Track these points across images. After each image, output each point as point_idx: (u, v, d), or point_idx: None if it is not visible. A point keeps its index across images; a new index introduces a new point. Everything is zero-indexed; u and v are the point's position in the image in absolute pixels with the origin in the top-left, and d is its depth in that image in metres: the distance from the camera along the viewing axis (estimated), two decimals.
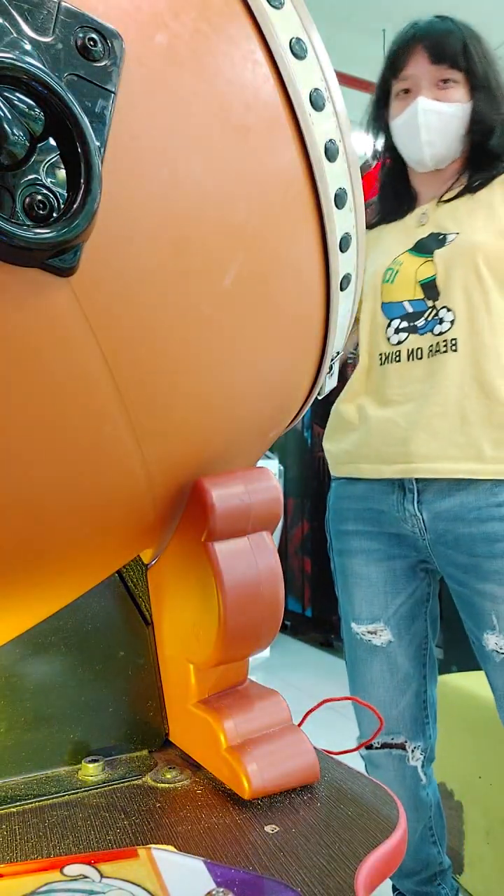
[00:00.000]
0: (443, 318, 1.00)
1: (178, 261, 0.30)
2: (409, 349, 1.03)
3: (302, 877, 0.32)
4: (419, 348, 1.02)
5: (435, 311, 1.01)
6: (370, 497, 1.07)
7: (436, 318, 1.01)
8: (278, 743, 0.40)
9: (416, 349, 1.02)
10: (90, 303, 0.28)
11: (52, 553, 0.34)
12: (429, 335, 1.01)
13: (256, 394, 0.37)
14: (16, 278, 0.26)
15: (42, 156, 0.25)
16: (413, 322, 1.03)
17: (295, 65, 0.35)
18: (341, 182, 0.37)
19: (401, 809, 0.38)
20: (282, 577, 0.39)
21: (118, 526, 0.36)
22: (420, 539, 1.03)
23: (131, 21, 0.29)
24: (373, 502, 1.07)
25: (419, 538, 1.03)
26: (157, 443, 0.33)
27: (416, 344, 1.02)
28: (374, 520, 1.07)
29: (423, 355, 1.02)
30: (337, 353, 0.44)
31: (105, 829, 0.37)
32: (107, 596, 0.45)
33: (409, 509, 1.02)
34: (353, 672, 1.13)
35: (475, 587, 0.99)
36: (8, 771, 0.42)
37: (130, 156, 0.28)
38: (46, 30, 0.26)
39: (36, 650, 0.43)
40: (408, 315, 1.04)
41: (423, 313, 1.02)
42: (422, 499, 1.01)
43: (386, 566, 1.08)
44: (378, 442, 1.04)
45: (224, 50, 0.32)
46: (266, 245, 0.34)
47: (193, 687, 0.42)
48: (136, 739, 0.46)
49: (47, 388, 0.28)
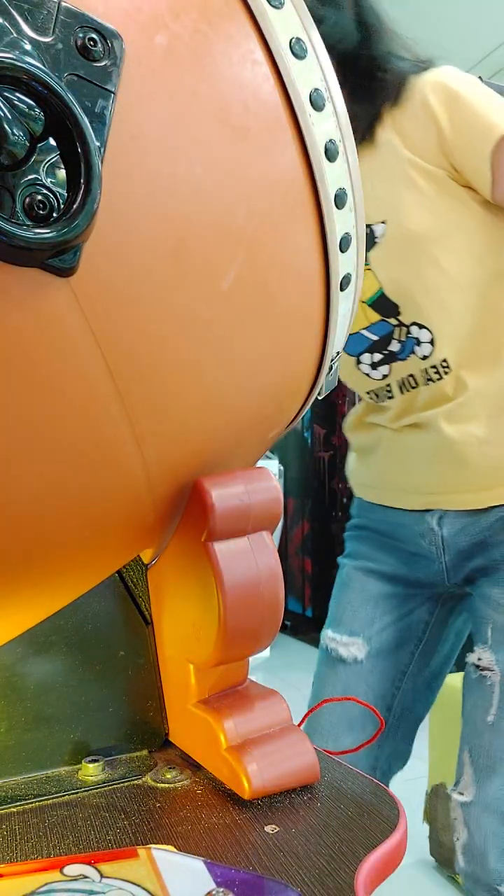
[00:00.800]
0: (418, 337, 0.85)
1: (177, 261, 0.30)
2: (398, 381, 0.89)
3: (302, 877, 0.32)
4: (411, 376, 0.88)
5: (404, 328, 0.85)
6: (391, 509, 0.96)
7: (410, 338, 0.86)
8: (278, 743, 0.40)
9: (407, 378, 0.88)
10: (90, 303, 0.28)
11: (52, 553, 0.34)
12: (414, 359, 0.86)
13: (256, 394, 0.37)
14: (16, 278, 0.26)
15: (42, 156, 0.25)
16: (385, 349, 0.88)
17: (295, 65, 0.35)
18: (341, 182, 0.37)
19: (401, 809, 0.38)
20: (282, 577, 0.39)
21: (118, 526, 0.36)
22: (435, 560, 0.93)
23: (131, 21, 0.29)
24: (393, 515, 0.96)
25: (434, 559, 0.93)
26: (157, 443, 0.33)
27: (405, 371, 0.88)
28: (391, 532, 0.97)
29: (418, 383, 0.88)
30: (337, 353, 0.44)
31: (105, 829, 0.37)
32: (107, 596, 0.45)
33: (428, 523, 0.92)
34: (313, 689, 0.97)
35: (484, 589, 0.89)
36: (8, 771, 0.42)
37: (130, 156, 0.28)
38: (46, 30, 0.26)
39: (36, 650, 0.43)
40: (375, 344, 0.89)
41: (391, 334, 0.87)
42: (444, 515, 0.91)
43: (387, 581, 0.97)
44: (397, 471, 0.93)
45: (224, 50, 0.32)
46: (266, 245, 0.34)
47: (193, 687, 0.42)
48: (136, 739, 0.46)
49: (46, 389, 0.28)
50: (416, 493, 0.92)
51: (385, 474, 0.96)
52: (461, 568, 0.92)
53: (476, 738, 0.83)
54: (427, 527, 0.92)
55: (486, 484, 0.86)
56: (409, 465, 0.92)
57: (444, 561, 0.92)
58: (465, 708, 0.87)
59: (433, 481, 0.90)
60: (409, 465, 0.92)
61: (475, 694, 0.85)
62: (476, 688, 0.85)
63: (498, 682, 0.83)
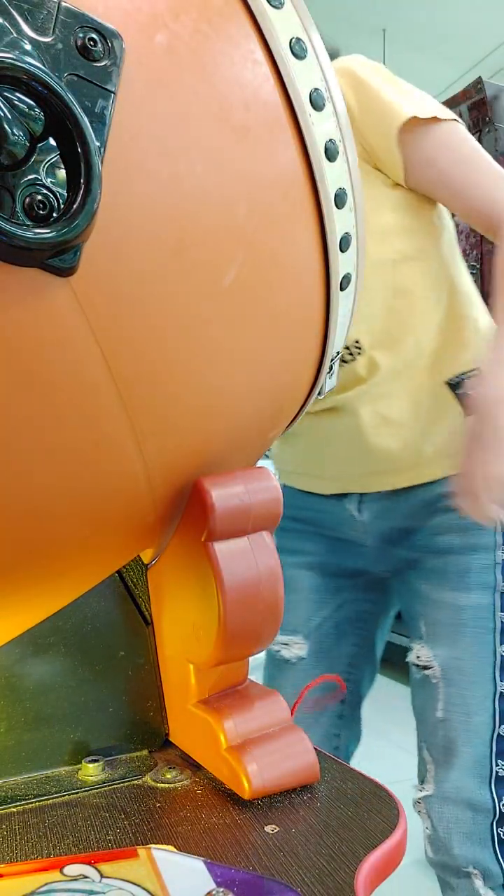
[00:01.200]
0: None
1: (177, 261, 0.30)
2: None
3: (302, 877, 0.32)
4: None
5: None
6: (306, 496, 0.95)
7: None
8: (278, 743, 0.40)
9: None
10: (90, 303, 0.28)
11: (52, 553, 0.34)
12: None
13: (256, 394, 0.37)
14: (16, 278, 0.26)
15: (42, 156, 0.25)
16: None
17: (295, 65, 0.35)
18: (341, 182, 0.37)
19: (401, 809, 0.38)
20: (282, 577, 0.39)
21: (118, 526, 0.36)
22: (361, 545, 0.92)
23: (131, 21, 0.29)
24: (315, 502, 0.94)
25: (360, 544, 0.92)
26: (157, 443, 0.33)
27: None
28: (313, 519, 0.95)
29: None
30: (337, 353, 0.44)
31: (105, 829, 0.37)
32: (107, 596, 0.45)
33: (349, 509, 0.91)
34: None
35: (413, 585, 0.88)
36: (8, 771, 0.42)
37: (130, 156, 0.28)
38: (46, 30, 0.26)
39: (36, 650, 0.43)
40: None
41: None
42: (363, 498, 0.90)
43: (318, 572, 0.95)
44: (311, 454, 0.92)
45: (224, 50, 0.32)
46: (266, 245, 0.34)
47: (193, 687, 0.42)
48: (136, 739, 0.46)
49: (47, 389, 0.28)
50: (333, 477, 0.91)
51: (306, 459, 0.94)
52: (387, 555, 0.91)
53: (430, 735, 0.84)
54: (348, 513, 0.91)
55: (402, 466, 0.86)
56: (327, 450, 0.91)
57: (369, 546, 0.92)
58: (415, 707, 0.87)
59: (350, 465, 0.89)
60: (327, 450, 0.91)
61: (422, 692, 0.86)
62: (421, 686, 0.86)
63: (440, 676, 0.83)
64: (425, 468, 0.85)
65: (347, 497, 0.90)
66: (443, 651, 0.83)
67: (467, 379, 0.83)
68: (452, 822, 0.80)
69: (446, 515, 0.84)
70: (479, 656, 0.82)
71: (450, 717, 0.82)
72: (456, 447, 0.80)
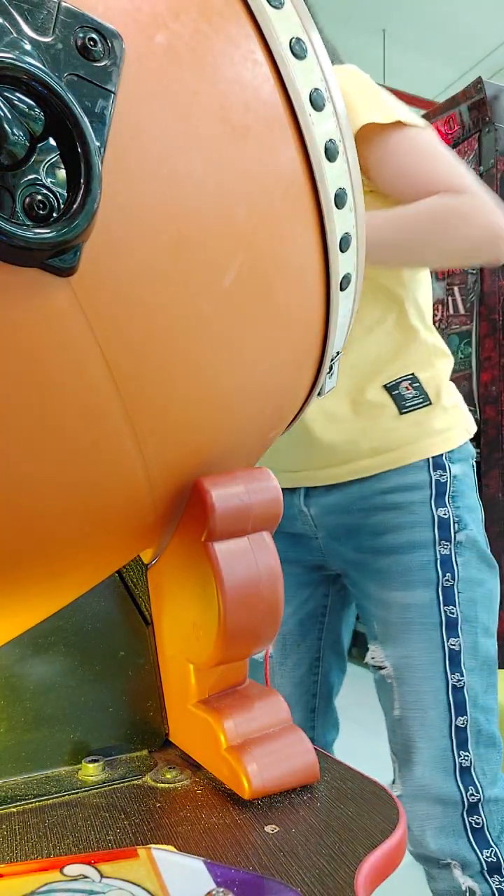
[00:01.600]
0: None
1: (177, 261, 0.30)
2: None
3: (302, 877, 0.32)
4: None
5: None
6: None
7: None
8: (278, 743, 0.40)
9: None
10: (90, 303, 0.28)
11: (52, 553, 0.34)
12: None
13: (256, 393, 0.37)
14: (16, 278, 0.26)
15: (42, 156, 0.25)
16: None
17: (295, 65, 0.35)
18: (341, 182, 0.37)
19: (401, 809, 0.38)
20: (282, 577, 0.39)
21: (118, 526, 0.36)
22: (313, 538, 0.94)
23: (131, 21, 0.29)
24: None
25: (312, 537, 0.94)
26: (157, 443, 0.33)
27: None
28: None
29: None
30: (337, 353, 0.44)
31: (105, 829, 0.37)
32: (107, 596, 0.45)
33: (297, 504, 0.93)
34: None
35: (363, 588, 0.90)
36: (8, 771, 0.42)
37: (130, 156, 0.28)
38: (46, 30, 0.26)
39: (36, 650, 0.43)
40: None
41: None
42: (309, 493, 0.92)
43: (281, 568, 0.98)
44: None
45: (224, 50, 0.32)
46: (266, 245, 0.34)
47: (193, 687, 0.42)
48: (136, 739, 0.46)
49: (47, 388, 0.28)
50: (281, 471, 0.92)
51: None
52: (335, 552, 0.93)
53: (392, 734, 0.86)
54: (297, 508, 0.93)
55: (338, 459, 0.88)
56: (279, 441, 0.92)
57: (320, 540, 0.93)
58: (382, 707, 0.89)
59: (291, 459, 0.91)
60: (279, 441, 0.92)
61: (381, 693, 0.88)
62: (380, 687, 0.88)
63: (393, 676, 0.85)
64: (362, 462, 0.87)
65: (296, 492, 0.93)
66: (394, 650, 0.85)
67: (402, 381, 0.88)
68: (424, 818, 0.82)
69: (385, 514, 0.86)
70: (427, 652, 0.83)
71: (406, 714, 0.84)
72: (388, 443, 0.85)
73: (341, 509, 0.90)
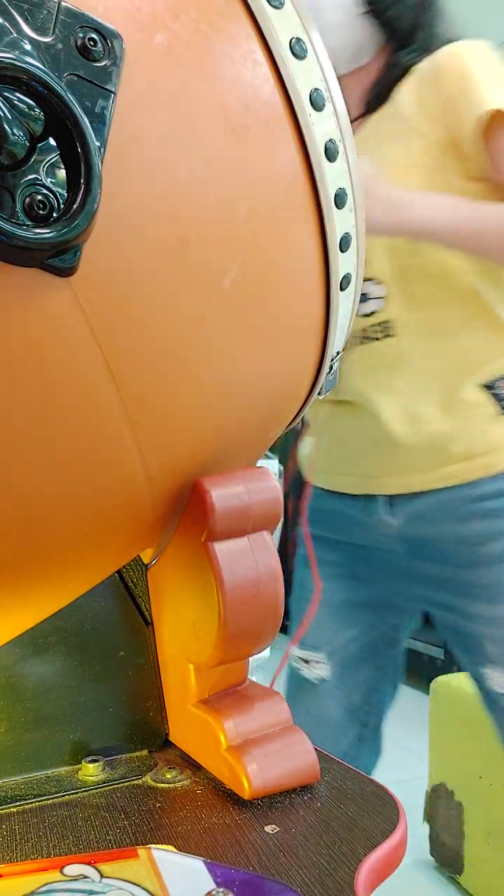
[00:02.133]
0: (368, 293, 0.82)
1: (177, 261, 0.30)
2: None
3: (302, 877, 0.32)
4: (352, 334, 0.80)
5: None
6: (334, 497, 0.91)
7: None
8: (278, 743, 0.40)
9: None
10: (90, 303, 0.28)
11: (52, 553, 0.34)
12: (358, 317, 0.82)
13: (256, 393, 0.37)
14: (16, 278, 0.26)
15: (42, 156, 0.25)
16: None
17: (295, 65, 0.35)
18: (341, 182, 0.37)
19: (401, 809, 0.38)
20: (282, 577, 0.39)
21: (118, 526, 0.36)
22: (392, 552, 0.88)
23: (131, 21, 0.29)
24: (343, 503, 0.90)
25: (391, 549, 0.88)
26: (157, 443, 0.33)
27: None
28: (339, 526, 0.91)
29: (357, 342, 0.83)
30: (337, 353, 0.44)
31: (105, 829, 0.37)
32: (107, 596, 0.45)
33: (378, 513, 0.87)
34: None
35: (461, 608, 0.83)
36: (8, 771, 0.42)
37: (130, 156, 0.28)
38: (46, 30, 0.26)
39: (36, 650, 0.43)
40: None
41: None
42: (393, 501, 0.86)
43: (346, 585, 0.91)
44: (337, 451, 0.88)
45: (224, 50, 0.32)
46: (266, 245, 0.34)
47: (193, 687, 0.42)
48: (136, 739, 0.46)
49: (47, 389, 0.28)
50: (357, 475, 0.88)
51: (329, 455, 0.91)
52: (414, 573, 0.88)
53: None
54: (378, 517, 0.88)
55: (424, 465, 0.83)
56: (349, 445, 0.88)
57: (400, 554, 0.88)
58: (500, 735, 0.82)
59: (367, 463, 0.86)
60: (349, 445, 0.88)
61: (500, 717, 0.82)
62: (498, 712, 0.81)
63: None
64: (452, 467, 0.82)
65: (374, 499, 0.87)
66: None
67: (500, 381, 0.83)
68: None
69: (483, 522, 0.81)
70: None
71: None
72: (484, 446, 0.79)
73: (430, 519, 0.84)
